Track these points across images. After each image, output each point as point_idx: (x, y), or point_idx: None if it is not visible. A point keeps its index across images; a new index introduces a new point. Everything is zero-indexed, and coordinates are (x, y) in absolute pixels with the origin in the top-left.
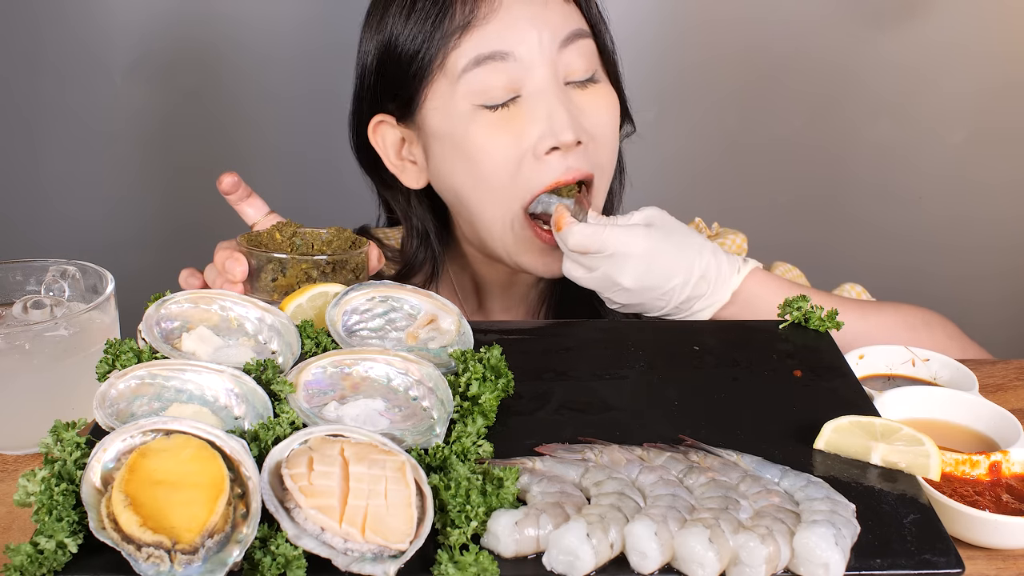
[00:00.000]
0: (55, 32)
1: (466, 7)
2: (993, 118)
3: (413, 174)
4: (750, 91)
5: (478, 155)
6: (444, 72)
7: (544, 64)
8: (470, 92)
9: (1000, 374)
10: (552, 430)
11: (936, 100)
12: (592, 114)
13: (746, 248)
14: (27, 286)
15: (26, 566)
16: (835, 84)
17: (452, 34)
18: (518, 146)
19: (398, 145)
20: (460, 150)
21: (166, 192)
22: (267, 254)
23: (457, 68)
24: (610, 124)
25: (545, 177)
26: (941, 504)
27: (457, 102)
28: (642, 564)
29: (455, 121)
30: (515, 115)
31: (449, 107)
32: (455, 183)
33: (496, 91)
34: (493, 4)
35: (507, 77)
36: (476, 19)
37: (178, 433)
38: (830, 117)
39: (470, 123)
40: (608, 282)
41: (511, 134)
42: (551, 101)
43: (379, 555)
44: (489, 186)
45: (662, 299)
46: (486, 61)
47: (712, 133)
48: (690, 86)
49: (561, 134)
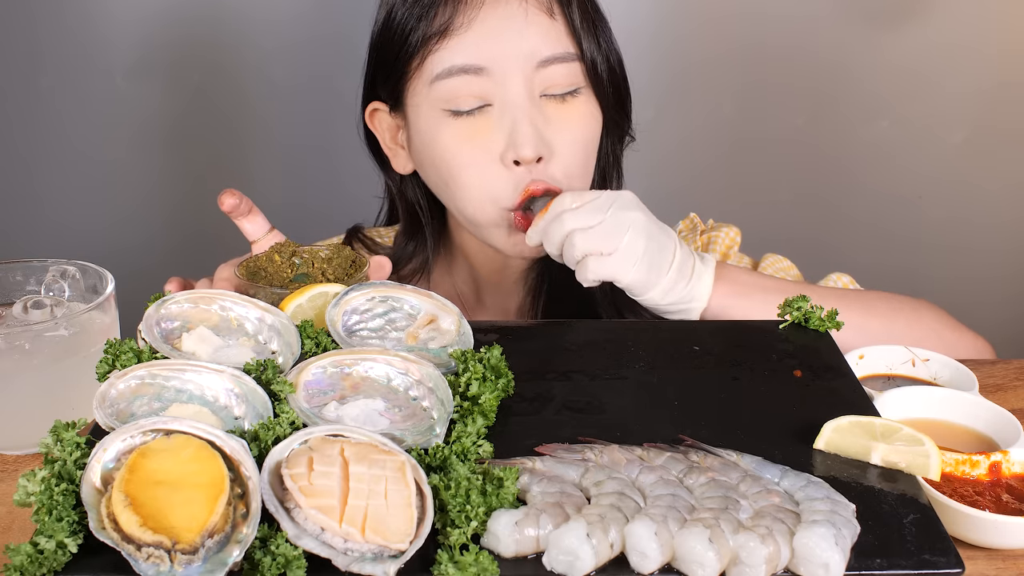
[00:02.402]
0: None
1: (447, 11)
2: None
3: (402, 160)
4: (750, 89)
5: (448, 158)
6: (421, 73)
7: (518, 80)
8: (440, 98)
9: (1000, 374)
10: (552, 430)
11: (936, 100)
12: (561, 129)
13: (739, 241)
14: (27, 286)
15: (26, 566)
16: (835, 83)
17: (431, 37)
18: (485, 154)
19: (393, 130)
20: (432, 151)
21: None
22: (266, 289)
23: (432, 73)
24: (579, 139)
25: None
26: (941, 504)
27: (430, 104)
28: (642, 564)
29: (428, 123)
30: (482, 125)
31: (423, 108)
32: (430, 177)
33: (466, 99)
34: (471, 14)
35: (479, 88)
36: (453, 26)
37: (178, 433)
38: (830, 116)
39: (439, 129)
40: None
41: (476, 143)
42: (517, 115)
43: (379, 555)
44: (459, 185)
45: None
46: (459, 73)
47: (712, 130)
48: (690, 83)
49: (521, 149)
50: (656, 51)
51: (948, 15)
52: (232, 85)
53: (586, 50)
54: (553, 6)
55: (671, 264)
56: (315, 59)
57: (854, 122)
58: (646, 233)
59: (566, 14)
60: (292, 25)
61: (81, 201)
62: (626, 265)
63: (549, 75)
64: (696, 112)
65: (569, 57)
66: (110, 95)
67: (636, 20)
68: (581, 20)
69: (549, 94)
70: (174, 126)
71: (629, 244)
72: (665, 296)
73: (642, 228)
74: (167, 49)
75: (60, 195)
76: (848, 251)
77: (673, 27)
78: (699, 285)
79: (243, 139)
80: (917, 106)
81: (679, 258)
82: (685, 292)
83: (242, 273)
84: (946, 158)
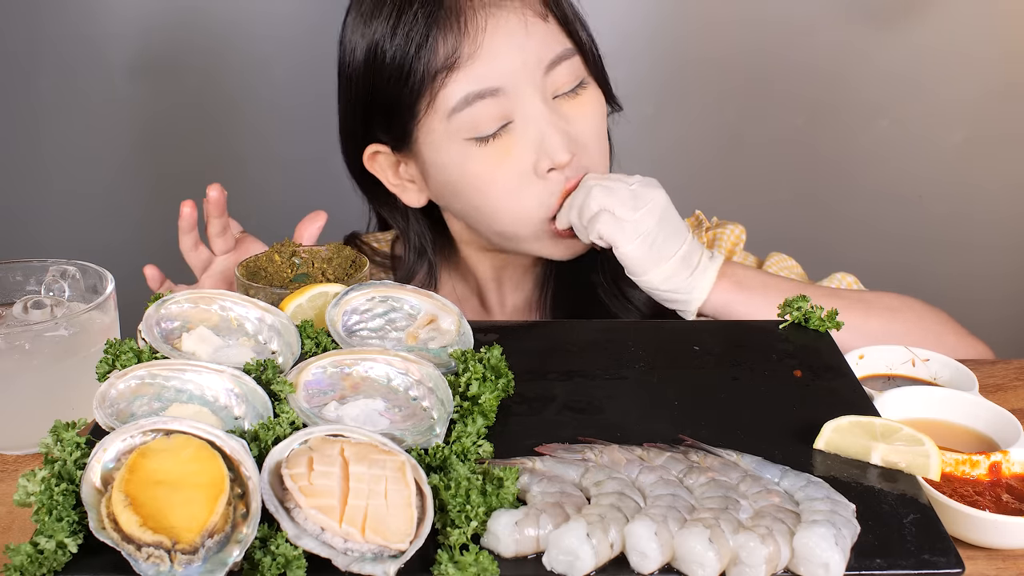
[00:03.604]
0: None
1: (448, 44)
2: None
3: (414, 193)
4: (751, 88)
5: (480, 186)
6: (435, 110)
7: (532, 91)
8: (462, 129)
9: (1000, 374)
10: (552, 430)
11: (935, 100)
12: (580, 122)
13: (744, 239)
14: (27, 286)
15: (26, 566)
16: (835, 83)
17: (438, 72)
18: (517, 170)
19: (395, 166)
20: (461, 182)
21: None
22: (266, 289)
23: (447, 107)
24: (598, 127)
25: (554, 194)
26: (941, 504)
27: (450, 137)
28: (642, 564)
29: (452, 157)
30: (508, 144)
31: (443, 143)
32: (456, 206)
33: (488, 123)
34: (478, 39)
35: (499, 109)
36: (461, 58)
37: (178, 433)
38: (830, 116)
39: (466, 159)
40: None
41: (507, 163)
42: (542, 125)
43: (379, 555)
44: (495, 208)
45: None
46: (476, 100)
47: (712, 129)
48: (690, 82)
49: (555, 155)
50: (657, 49)
51: (948, 16)
52: (232, 85)
53: (579, 40)
54: (544, 8)
55: (676, 252)
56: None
57: (854, 122)
58: (660, 215)
59: (555, 12)
60: (291, 26)
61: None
62: (631, 235)
63: (556, 76)
64: (696, 111)
65: (569, 53)
66: (109, 95)
67: (636, 20)
68: (567, 13)
69: (560, 93)
70: (174, 126)
71: (641, 218)
72: (665, 282)
73: (658, 209)
74: (166, 50)
75: (60, 195)
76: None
77: (673, 27)
78: (702, 279)
79: (242, 139)
80: (917, 106)
81: (686, 249)
82: (686, 283)
83: (242, 273)
84: (946, 158)
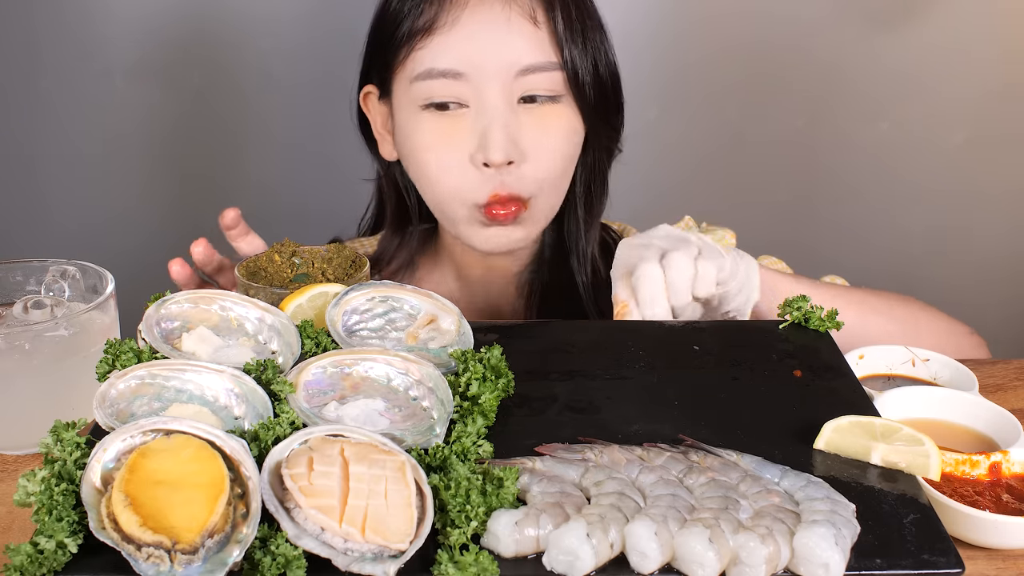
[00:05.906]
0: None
1: (432, 8)
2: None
3: (389, 147)
4: (751, 89)
5: (422, 153)
6: (404, 69)
7: (496, 87)
8: (419, 96)
9: (1000, 374)
10: (552, 430)
11: (936, 101)
12: (536, 135)
13: (734, 243)
14: (27, 286)
15: (26, 566)
16: (835, 84)
17: (416, 33)
18: (457, 153)
19: (384, 116)
20: (408, 144)
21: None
22: (266, 289)
23: (412, 72)
24: (554, 147)
25: (486, 186)
26: (941, 504)
27: (410, 99)
28: (642, 564)
29: (407, 117)
30: (457, 125)
31: (404, 101)
32: (409, 168)
33: (443, 99)
34: (455, 13)
35: (457, 91)
36: (437, 24)
37: (178, 433)
38: (830, 117)
39: (417, 122)
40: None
41: (450, 142)
42: (491, 118)
43: (379, 555)
44: (433, 179)
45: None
46: (439, 76)
47: (711, 131)
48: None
49: (490, 153)
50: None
51: (948, 16)
52: (232, 85)
53: (567, 59)
54: (537, 13)
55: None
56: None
57: (854, 123)
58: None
59: (551, 21)
60: (292, 25)
61: (81, 201)
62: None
63: (529, 82)
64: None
65: (550, 66)
66: (109, 95)
67: (635, 20)
68: (566, 28)
69: (527, 99)
70: (174, 126)
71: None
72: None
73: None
74: (167, 49)
75: (60, 195)
76: (847, 251)
77: (672, 27)
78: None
79: (243, 139)
80: (917, 108)
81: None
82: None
83: (242, 273)
84: (946, 160)
